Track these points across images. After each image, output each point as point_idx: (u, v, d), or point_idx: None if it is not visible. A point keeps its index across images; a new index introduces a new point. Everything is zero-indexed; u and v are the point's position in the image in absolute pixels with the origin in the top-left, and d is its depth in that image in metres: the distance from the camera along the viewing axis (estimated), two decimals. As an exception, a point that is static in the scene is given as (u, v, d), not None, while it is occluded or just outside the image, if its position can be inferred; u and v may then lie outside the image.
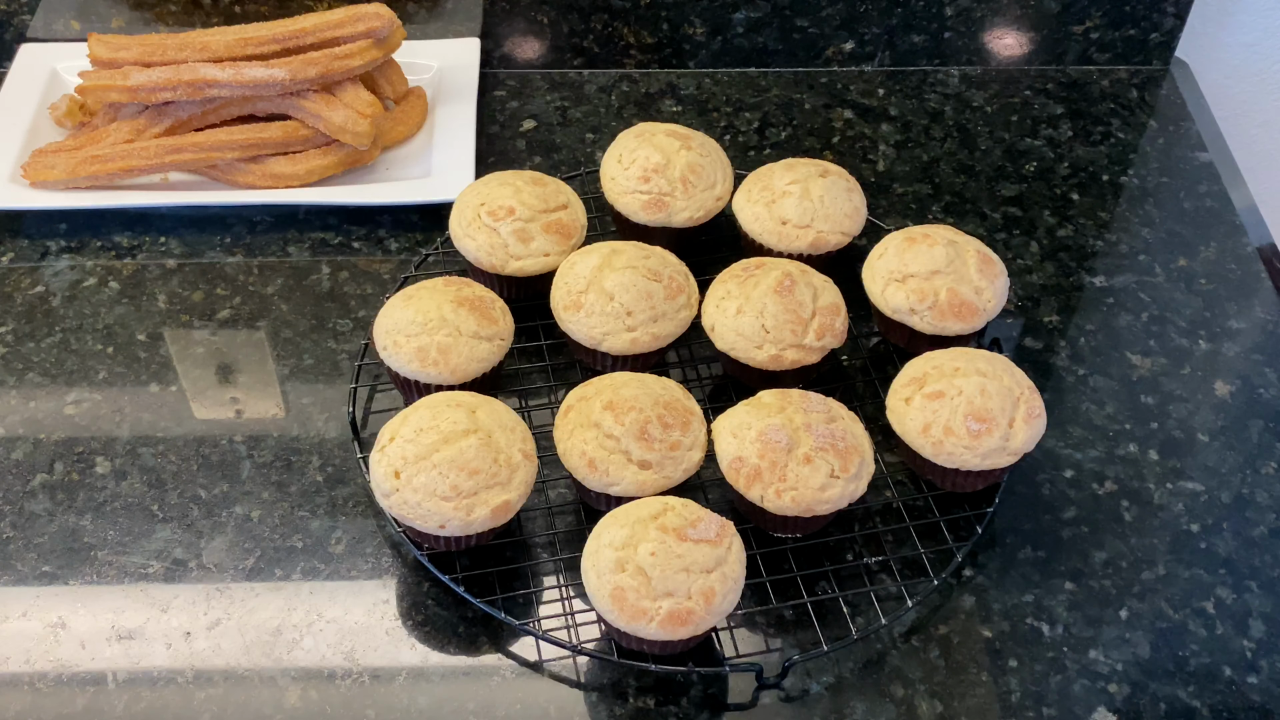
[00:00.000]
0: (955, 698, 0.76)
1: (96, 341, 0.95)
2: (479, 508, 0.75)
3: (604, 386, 0.81)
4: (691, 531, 0.72)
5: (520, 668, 0.77)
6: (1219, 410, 0.92)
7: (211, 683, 0.76)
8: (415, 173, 1.08)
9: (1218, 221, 1.07)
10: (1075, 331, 0.98)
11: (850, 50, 1.21)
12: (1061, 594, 0.81)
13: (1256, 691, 0.76)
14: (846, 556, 0.83)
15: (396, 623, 0.79)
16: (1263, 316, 0.99)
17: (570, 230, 0.94)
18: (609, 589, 0.71)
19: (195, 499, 0.85)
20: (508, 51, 1.20)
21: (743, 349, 0.86)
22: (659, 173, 0.96)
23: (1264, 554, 0.83)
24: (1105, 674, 0.77)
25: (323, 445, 0.89)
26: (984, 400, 0.80)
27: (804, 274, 0.88)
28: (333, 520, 0.84)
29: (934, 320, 0.88)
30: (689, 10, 1.17)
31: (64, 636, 0.78)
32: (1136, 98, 1.20)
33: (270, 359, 0.95)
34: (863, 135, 1.15)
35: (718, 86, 1.20)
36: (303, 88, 1.03)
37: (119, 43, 1.05)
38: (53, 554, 0.82)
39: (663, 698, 0.75)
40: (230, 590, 0.80)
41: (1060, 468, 0.88)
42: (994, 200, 1.09)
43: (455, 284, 0.88)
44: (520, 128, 1.15)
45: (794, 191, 0.95)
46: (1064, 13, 1.18)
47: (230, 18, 1.16)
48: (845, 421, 0.80)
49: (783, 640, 0.78)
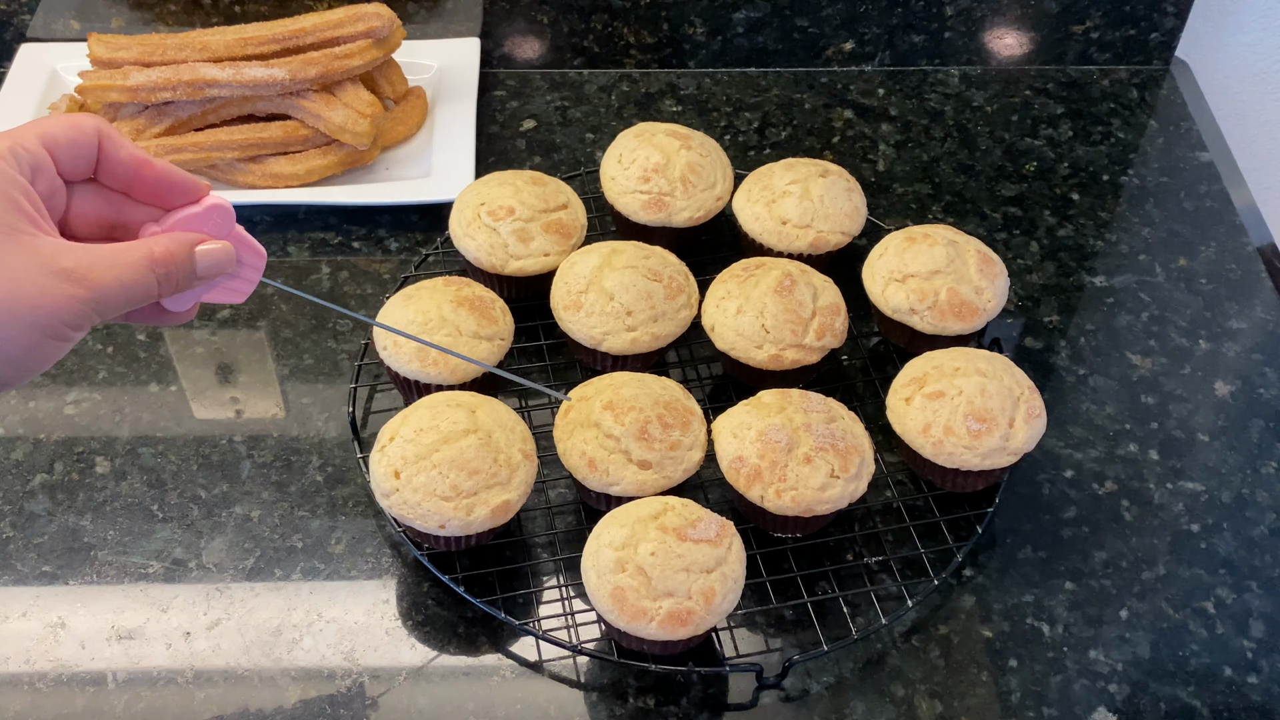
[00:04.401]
0: (955, 698, 0.76)
1: (96, 341, 0.95)
2: (479, 508, 0.75)
3: (604, 386, 0.81)
4: (691, 531, 0.72)
5: (520, 668, 0.77)
6: (1219, 410, 0.92)
7: (211, 683, 0.76)
8: (415, 173, 1.08)
9: (1218, 221, 1.07)
10: (1075, 331, 0.98)
11: (850, 50, 1.21)
12: (1061, 594, 0.81)
13: (1256, 691, 0.76)
14: (846, 556, 0.83)
15: (396, 623, 0.79)
16: (1263, 316, 0.99)
17: (570, 230, 0.94)
18: (609, 589, 0.71)
19: (195, 499, 0.85)
20: (508, 51, 1.20)
21: (743, 349, 0.86)
22: (659, 172, 0.96)
23: (1264, 554, 0.83)
24: (1105, 674, 0.77)
25: (323, 445, 0.89)
26: (984, 400, 0.80)
27: (804, 274, 0.88)
28: (333, 520, 0.84)
29: (934, 320, 0.88)
30: (689, 10, 1.17)
31: (64, 636, 0.78)
32: (1136, 98, 1.20)
33: (270, 359, 0.95)
34: (863, 135, 1.15)
35: (718, 86, 1.20)
36: (303, 88, 1.03)
37: (119, 43, 1.05)
38: (52, 554, 0.82)
39: (663, 698, 0.75)
40: (230, 590, 0.80)
41: (1060, 468, 0.88)
42: (994, 200, 1.09)
43: (455, 284, 0.88)
44: (520, 128, 1.15)
45: (794, 191, 0.95)
46: (1064, 13, 1.18)
47: (230, 18, 1.16)
48: (845, 421, 0.80)
49: (783, 640, 0.78)
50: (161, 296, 0.56)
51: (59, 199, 0.55)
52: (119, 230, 0.58)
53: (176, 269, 0.56)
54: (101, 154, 0.56)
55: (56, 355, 0.52)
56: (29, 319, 0.50)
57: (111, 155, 0.56)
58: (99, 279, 0.52)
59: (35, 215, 0.52)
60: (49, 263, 0.51)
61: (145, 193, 0.57)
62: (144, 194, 0.57)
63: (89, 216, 0.57)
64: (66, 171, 0.55)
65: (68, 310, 0.51)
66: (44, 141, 0.54)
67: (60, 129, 0.54)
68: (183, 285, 0.57)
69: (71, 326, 0.52)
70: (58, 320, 0.51)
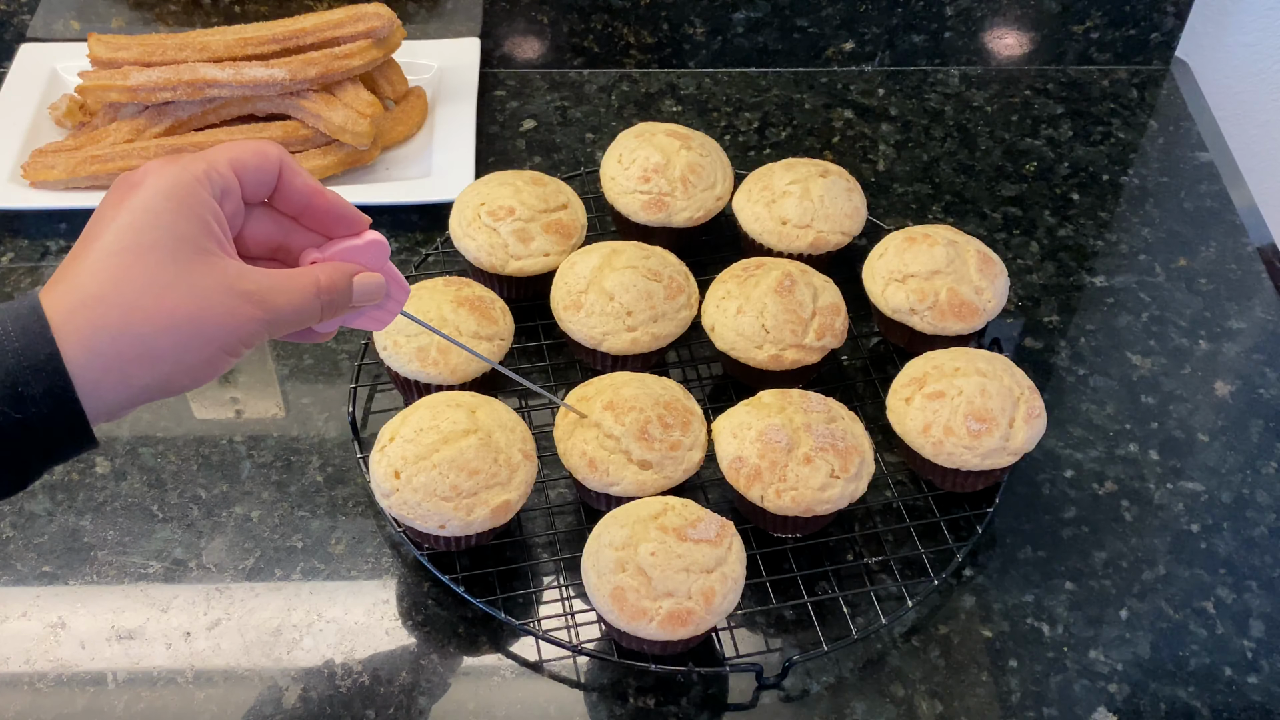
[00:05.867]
0: (955, 698, 0.76)
1: (96, 341, 0.95)
2: (479, 508, 0.75)
3: (604, 386, 0.81)
4: (691, 531, 0.72)
5: (520, 668, 0.77)
6: (1219, 410, 0.92)
7: (211, 683, 0.76)
8: (415, 173, 1.08)
9: (1218, 221, 1.07)
10: (1075, 331, 0.98)
11: (850, 50, 1.21)
12: (1062, 594, 0.81)
13: (1256, 691, 0.76)
14: (846, 556, 0.83)
15: (396, 623, 0.79)
16: (1263, 316, 0.99)
17: (570, 230, 0.94)
18: (609, 589, 0.71)
19: (195, 499, 0.85)
20: (508, 51, 1.20)
21: (743, 349, 0.86)
22: (659, 173, 0.96)
23: (1264, 554, 0.83)
24: (1105, 674, 0.77)
25: (323, 445, 0.89)
26: (984, 400, 0.80)
27: (804, 274, 0.88)
28: (333, 520, 0.84)
29: (934, 320, 0.88)
30: (689, 10, 1.17)
31: (64, 636, 0.78)
32: (1136, 98, 1.20)
33: (270, 359, 0.95)
34: (863, 135, 1.15)
35: (718, 86, 1.20)
36: (303, 88, 1.03)
37: (119, 43, 1.05)
38: (53, 554, 0.82)
39: (663, 698, 0.75)
40: (230, 590, 0.80)
41: (1060, 468, 0.88)
42: (994, 200, 1.09)
43: (455, 284, 0.88)
44: (520, 128, 1.15)
45: (794, 191, 0.95)
46: (1064, 13, 1.18)
47: (230, 18, 1.16)
48: (845, 421, 0.80)
49: (783, 640, 0.78)
50: (322, 320, 0.59)
51: (239, 220, 0.59)
52: (281, 252, 0.61)
53: (338, 296, 0.59)
54: (280, 181, 0.59)
55: (225, 368, 0.56)
56: (213, 335, 0.54)
57: (289, 183, 0.59)
58: (275, 302, 0.56)
59: (222, 238, 0.56)
60: (234, 284, 0.55)
61: (313, 220, 0.61)
62: (312, 221, 0.61)
63: (259, 237, 0.60)
64: (249, 195, 0.59)
65: (247, 330, 0.55)
66: (234, 166, 0.57)
67: (249, 155, 0.58)
68: (339, 310, 0.60)
69: (246, 344, 0.55)
70: (236, 338, 0.55)
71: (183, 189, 0.54)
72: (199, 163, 0.56)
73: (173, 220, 0.53)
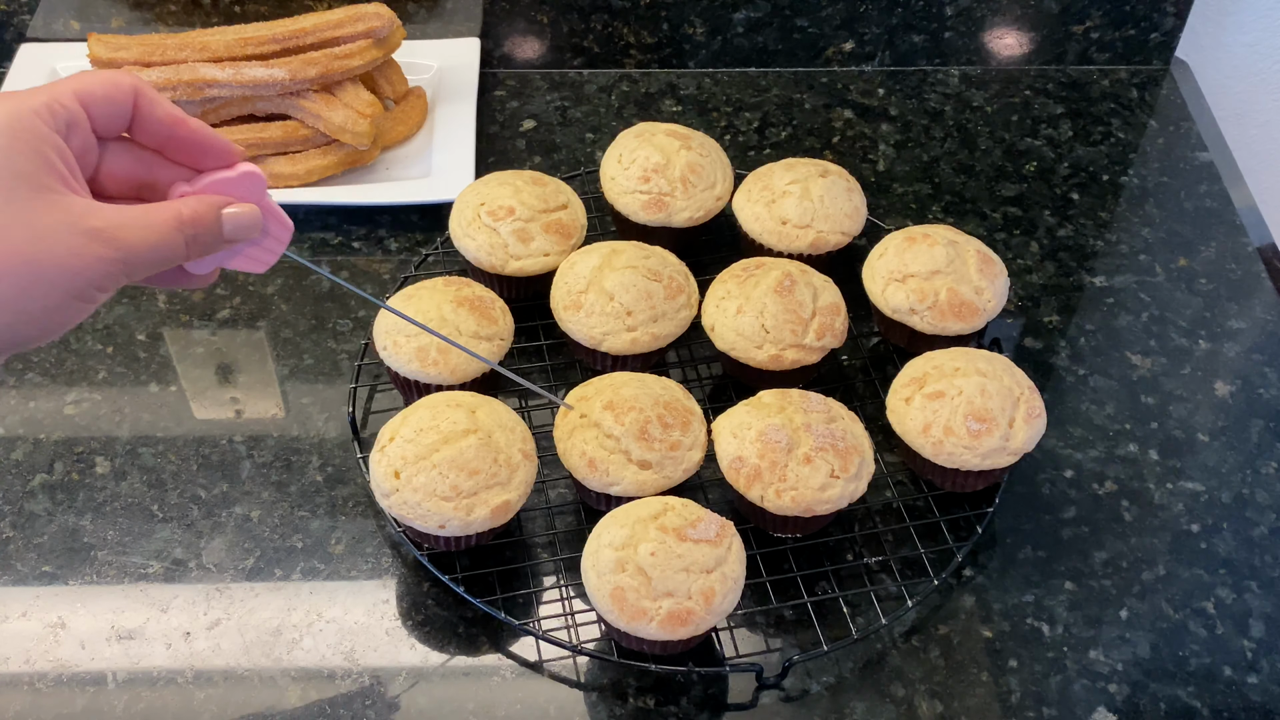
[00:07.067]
0: (955, 698, 0.76)
1: (96, 341, 0.95)
2: (479, 508, 0.75)
3: (604, 386, 0.81)
4: (691, 531, 0.72)
5: (520, 668, 0.77)
6: (1219, 410, 0.92)
7: (211, 683, 0.76)
8: (415, 173, 1.08)
9: (1218, 221, 1.07)
10: (1075, 331, 0.98)
11: (850, 50, 1.21)
12: (1061, 594, 0.81)
13: (1256, 691, 0.76)
14: (846, 556, 0.83)
15: (396, 623, 0.79)
16: (1263, 316, 0.99)
17: (570, 230, 0.94)
18: (609, 589, 0.71)
19: (195, 499, 0.85)
20: (508, 51, 1.20)
21: (743, 349, 0.86)
22: (659, 173, 0.96)
23: (1264, 554, 0.83)
24: (1105, 674, 0.77)
25: (323, 445, 0.89)
26: (984, 400, 0.80)
27: (804, 274, 0.88)
28: (333, 520, 0.84)
29: (934, 320, 0.88)
30: (689, 10, 1.17)
31: (64, 636, 0.78)
32: (1136, 98, 1.20)
33: (270, 359, 0.95)
34: (863, 135, 1.15)
35: (718, 86, 1.20)
36: (303, 88, 1.03)
37: (119, 43, 1.05)
38: (53, 554, 0.82)
39: (663, 698, 0.75)
40: (230, 590, 0.80)
41: (1060, 468, 0.88)
42: (994, 200, 1.09)
43: (455, 284, 0.88)
44: (520, 128, 1.15)
45: (794, 191, 0.95)
46: (1064, 13, 1.18)
47: (230, 18, 1.16)
48: (845, 421, 0.80)
49: (783, 640, 0.78)
50: (189, 259, 0.55)
51: (91, 156, 0.54)
52: (148, 190, 0.57)
53: (204, 231, 0.55)
54: (137, 112, 0.55)
55: (80, 316, 0.51)
56: (56, 279, 0.49)
57: (147, 113, 0.55)
58: (128, 239, 0.52)
59: (66, 174, 0.51)
60: (78, 222, 0.50)
61: (179, 153, 0.57)
62: (177, 154, 0.57)
63: (119, 175, 0.56)
64: (101, 128, 0.54)
65: (96, 270, 0.50)
66: (80, 98, 0.53)
67: (97, 85, 0.53)
68: (210, 248, 0.56)
69: (99, 288, 0.51)
70: (84, 281, 0.50)
71: (18, 123, 0.50)
72: (38, 95, 0.51)
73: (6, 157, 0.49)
